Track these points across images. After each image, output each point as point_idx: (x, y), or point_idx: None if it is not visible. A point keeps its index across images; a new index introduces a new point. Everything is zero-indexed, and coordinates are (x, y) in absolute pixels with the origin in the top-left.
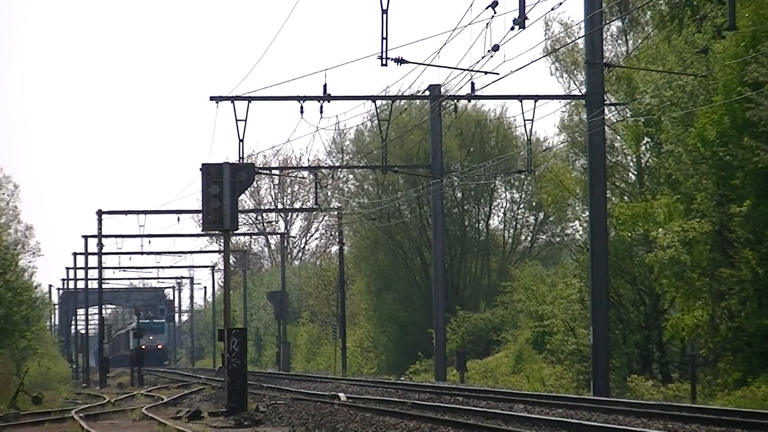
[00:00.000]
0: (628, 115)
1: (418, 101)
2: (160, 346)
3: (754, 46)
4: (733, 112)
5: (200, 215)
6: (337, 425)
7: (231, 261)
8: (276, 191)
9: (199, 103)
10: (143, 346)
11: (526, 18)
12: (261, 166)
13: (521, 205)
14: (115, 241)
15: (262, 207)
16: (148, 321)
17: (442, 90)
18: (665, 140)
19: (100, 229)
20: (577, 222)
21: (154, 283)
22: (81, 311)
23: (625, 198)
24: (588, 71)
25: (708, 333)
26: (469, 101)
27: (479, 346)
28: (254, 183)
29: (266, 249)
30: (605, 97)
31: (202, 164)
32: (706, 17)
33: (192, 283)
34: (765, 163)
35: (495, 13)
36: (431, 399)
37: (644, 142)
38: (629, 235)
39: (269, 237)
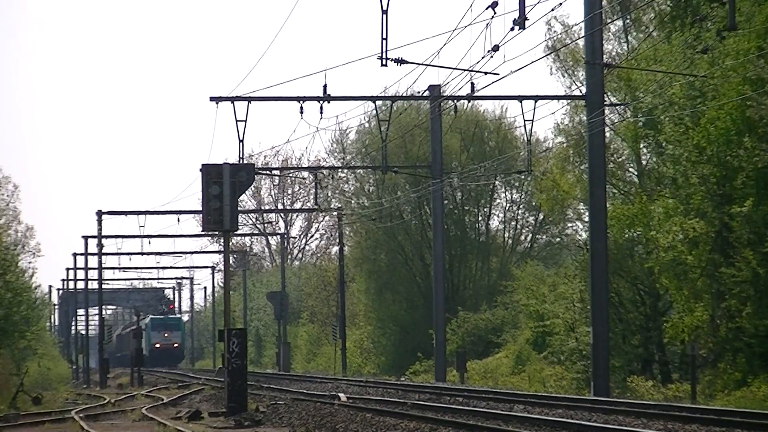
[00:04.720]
0: (629, 116)
1: (418, 101)
2: (176, 345)
3: (761, 44)
4: (741, 111)
5: (200, 215)
6: (337, 426)
7: (231, 261)
8: (276, 192)
9: (199, 103)
10: (157, 344)
11: (526, 18)
12: (261, 166)
13: (521, 206)
14: (115, 241)
15: (263, 207)
16: (162, 316)
17: (442, 90)
18: (665, 141)
19: (100, 229)
20: (578, 222)
21: (155, 284)
22: (81, 312)
23: (629, 198)
24: (588, 71)
25: (708, 333)
26: (469, 101)
27: (479, 347)
28: (254, 183)
29: (266, 249)
30: (606, 98)
31: (202, 165)
32: (707, 17)
33: (192, 284)
34: (765, 163)
35: (495, 13)
36: (431, 399)
37: (644, 140)
38: (624, 235)
39: (269, 237)
